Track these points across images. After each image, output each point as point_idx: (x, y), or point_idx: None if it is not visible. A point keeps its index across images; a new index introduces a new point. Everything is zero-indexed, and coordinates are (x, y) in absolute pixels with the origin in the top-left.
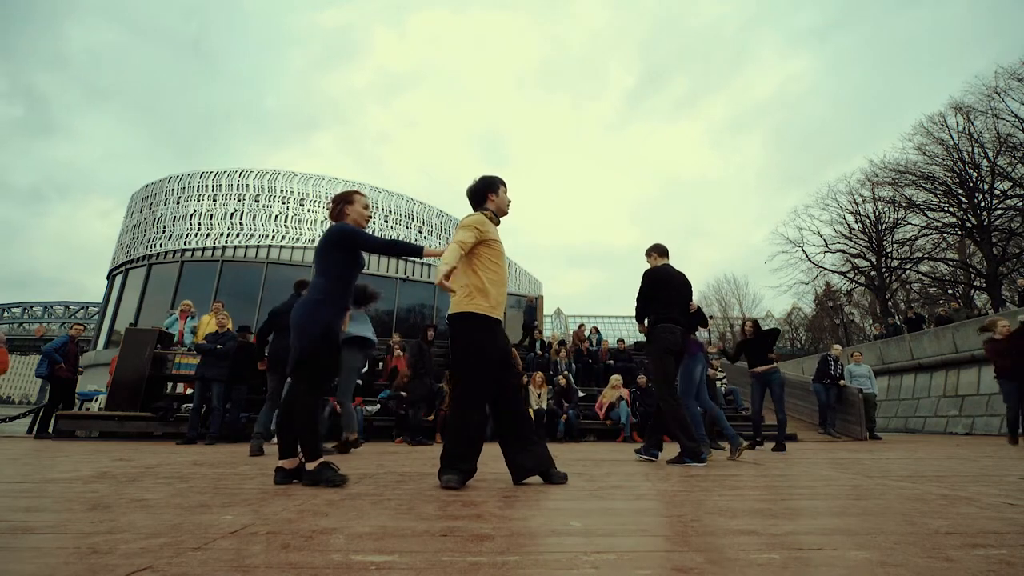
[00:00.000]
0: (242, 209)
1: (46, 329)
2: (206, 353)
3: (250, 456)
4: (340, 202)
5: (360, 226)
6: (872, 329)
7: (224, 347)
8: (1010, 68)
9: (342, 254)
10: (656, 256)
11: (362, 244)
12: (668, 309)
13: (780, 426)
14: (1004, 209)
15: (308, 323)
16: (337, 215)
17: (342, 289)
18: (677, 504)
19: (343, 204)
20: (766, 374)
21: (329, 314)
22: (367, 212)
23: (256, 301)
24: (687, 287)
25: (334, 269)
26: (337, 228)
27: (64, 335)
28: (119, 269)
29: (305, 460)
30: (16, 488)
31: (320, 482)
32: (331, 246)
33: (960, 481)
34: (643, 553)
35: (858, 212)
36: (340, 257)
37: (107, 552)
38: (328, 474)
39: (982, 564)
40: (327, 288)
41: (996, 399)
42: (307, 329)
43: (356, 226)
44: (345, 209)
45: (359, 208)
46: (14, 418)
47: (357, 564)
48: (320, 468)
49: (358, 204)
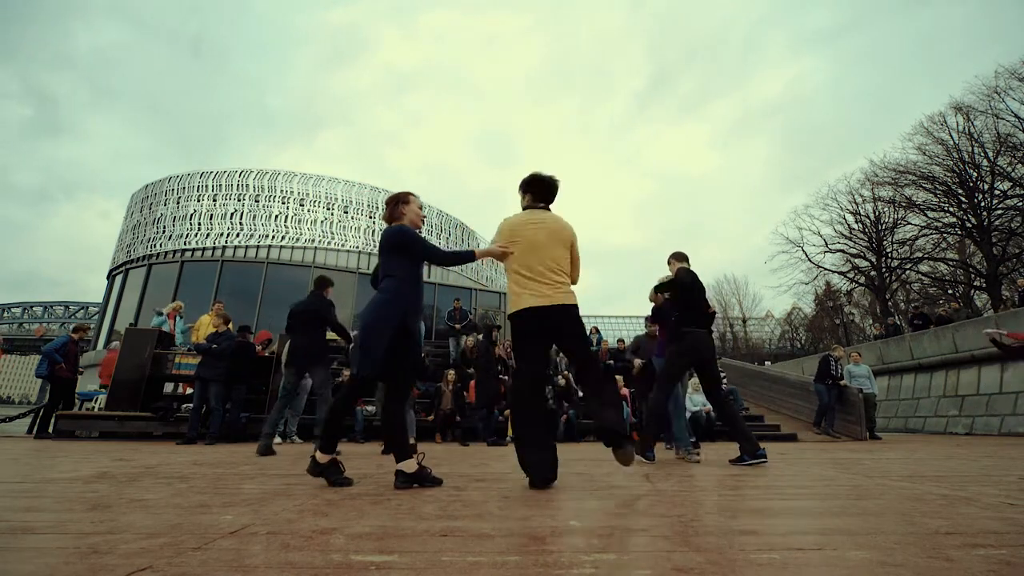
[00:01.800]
0: (242, 209)
1: (46, 329)
2: (204, 353)
3: (258, 455)
4: (396, 203)
5: (416, 226)
6: (872, 329)
7: (220, 347)
8: (1010, 68)
9: (403, 255)
10: (677, 262)
11: (419, 253)
12: (698, 314)
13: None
14: (1004, 209)
15: (378, 324)
16: (393, 216)
17: (408, 288)
18: (677, 504)
19: (399, 205)
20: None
21: (399, 313)
22: (422, 212)
23: (256, 301)
24: (704, 290)
25: (399, 270)
26: (395, 230)
27: (64, 335)
28: (119, 269)
29: (396, 459)
30: (16, 488)
31: (416, 483)
32: (391, 249)
33: (960, 481)
34: (643, 553)
35: (858, 212)
36: (401, 258)
37: (107, 552)
38: (334, 475)
39: (982, 564)
40: (395, 288)
41: (996, 399)
42: (378, 330)
43: (412, 226)
44: (401, 210)
45: (415, 208)
46: (14, 418)
47: (357, 564)
48: (331, 465)
49: (413, 204)
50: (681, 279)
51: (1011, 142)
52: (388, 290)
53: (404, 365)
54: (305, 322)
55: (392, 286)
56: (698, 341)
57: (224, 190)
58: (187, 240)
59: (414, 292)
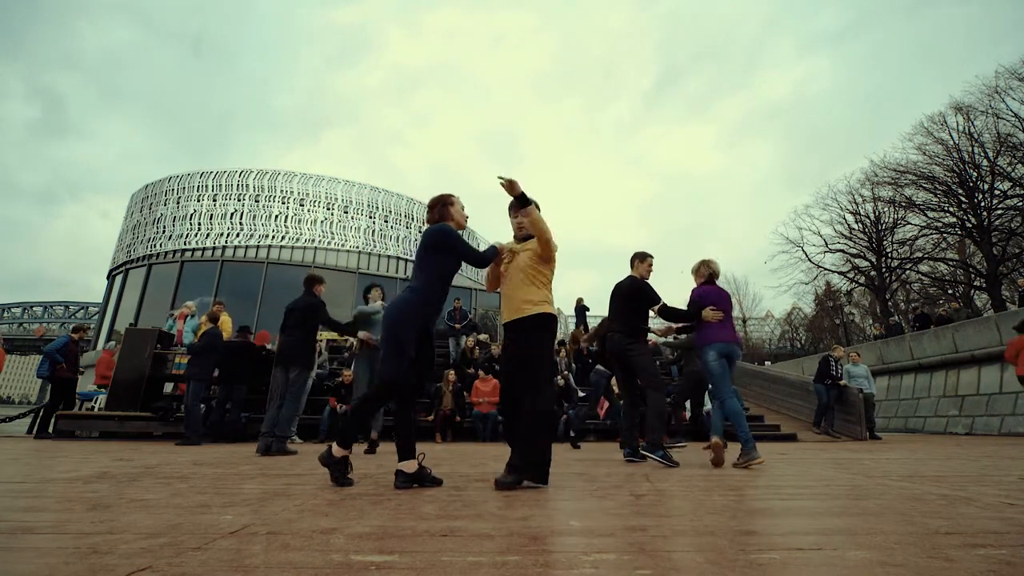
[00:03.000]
0: (242, 209)
1: (46, 329)
2: (190, 352)
3: (257, 454)
4: (441, 205)
5: (460, 228)
6: (872, 329)
7: (198, 344)
8: (1010, 67)
9: (443, 256)
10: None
11: (461, 253)
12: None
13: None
14: (1004, 209)
15: (402, 324)
16: (439, 218)
17: (439, 289)
18: (677, 504)
19: (445, 207)
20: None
21: (424, 314)
22: (465, 212)
23: (256, 301)
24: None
25: (433, 270)
26: (440, 230)
27: (65, 335)
28: (119, 269)
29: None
30: (16, 488)
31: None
32: (433, 248)
33: (960, 481)
34: (643, 553)
35: (858, 212)
36: (440, 258)
37: (107, 552)
38: (339, 472)
39: (982, 564)
40: (423, 288)
41: (996, 399)
42: (401, 331)
43: (457, 228)
44: (448, 212)
45: (459, 209)
46: (14, 418)
47: (357, 564)
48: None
49: (457, 205)
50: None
51: (1011, 142)
52: (418, 290)
53: (422, 366)
54: (295, 321)
55: (421, 286)
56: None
57: (224, 190)
58: (187, 240)
59: (442, 294)
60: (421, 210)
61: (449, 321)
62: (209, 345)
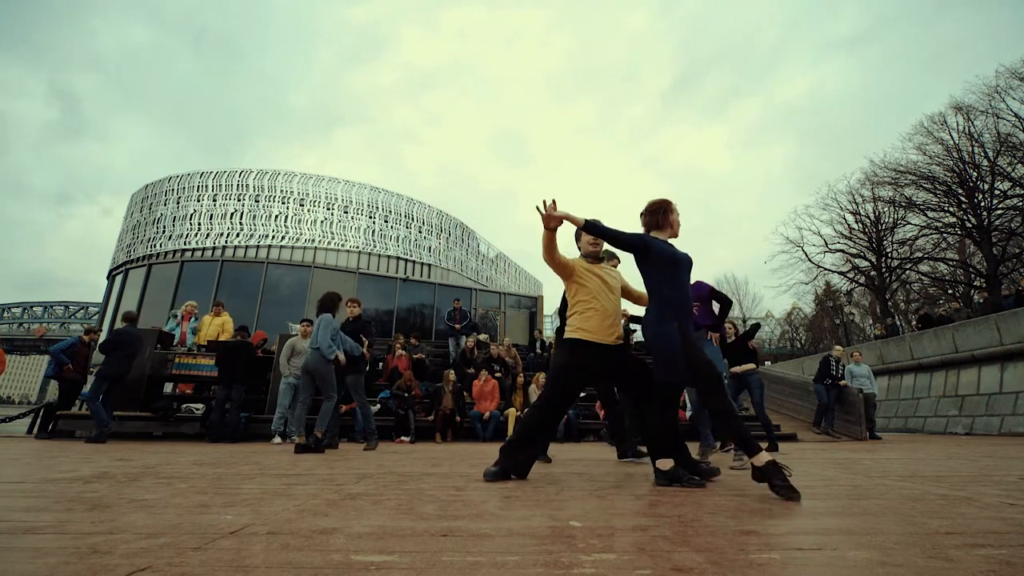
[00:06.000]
0: (242, 209)
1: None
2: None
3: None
4: (660, 211)
5: (675, 235)
6: (872, 329)
7: (105, 342)
8: (1011, 67)
9: (647, 268)
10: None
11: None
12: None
13: (766, 427)
14: (1004, 209)
15: (661, 346)
16: (657, 224)
17: (670, 297)
18: (677, 504)
19: (666, 213)
20: (744, 375)
21: (671, 328)
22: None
23: (256, 301)
24: None
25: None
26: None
27: (72, 337)
28: (119, 269)
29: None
30: (16, 488)
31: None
32: (641, 265)
33: (960, 481)
34: (643, 553)
35: (858, 212)
36: (647, 271)
37: (107, 552)
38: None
39: (982, 564)
40: (658, 303)
41: (996, 399)
42: (662, 351)
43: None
44: (669, 218)
45: (677, 216)
46: (14, 418)
47: (357, 564)
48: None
49: (676, 213)
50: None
51: (1011, 142)
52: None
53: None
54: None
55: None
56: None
57: (224, 190)
58: (187, 240)
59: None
60: (421, 210)
61: (449, 321)
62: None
